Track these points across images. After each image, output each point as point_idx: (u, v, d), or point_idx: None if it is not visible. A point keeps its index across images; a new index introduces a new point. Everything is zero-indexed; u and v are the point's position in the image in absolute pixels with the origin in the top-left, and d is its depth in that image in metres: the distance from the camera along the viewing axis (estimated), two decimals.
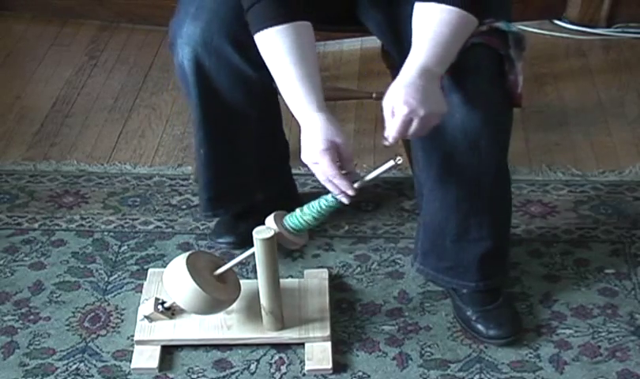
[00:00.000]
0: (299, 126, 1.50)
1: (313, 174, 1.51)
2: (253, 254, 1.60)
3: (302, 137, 1.48)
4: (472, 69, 1.50)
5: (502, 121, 1.58)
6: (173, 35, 1.68)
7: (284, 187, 1.99)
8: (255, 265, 1.62)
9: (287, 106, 1.53)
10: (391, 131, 1.43)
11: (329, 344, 1.69)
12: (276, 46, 1.49)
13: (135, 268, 1.91)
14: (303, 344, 1.70)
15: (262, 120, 1.80)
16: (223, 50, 1.64)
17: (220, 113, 1.72)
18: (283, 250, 1.82)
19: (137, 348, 1.70)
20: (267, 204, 1.72)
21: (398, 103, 1.41)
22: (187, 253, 1.64)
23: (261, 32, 1.50)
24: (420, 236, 1.74)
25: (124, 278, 1.89)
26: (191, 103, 1.73)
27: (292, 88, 1.49)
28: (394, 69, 2.00)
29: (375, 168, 1.51)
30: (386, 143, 1.46)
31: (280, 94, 1.57)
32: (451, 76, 1.48)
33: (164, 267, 1.69)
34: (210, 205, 1.86)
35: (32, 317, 1.80)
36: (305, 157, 1.48)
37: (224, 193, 1.85)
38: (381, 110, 1.45)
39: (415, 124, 1.42)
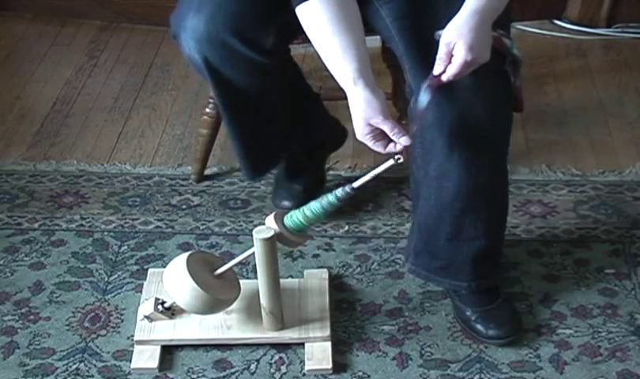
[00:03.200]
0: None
1: None
2: (253, 254, 1.60)
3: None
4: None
5: (502, 120, 1.58)
6: (176, 28, 1.67)
7: (320, 133, 2.03)
8: (255, 265, 1.61)
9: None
10: (450, 71, 1.41)
11: (329, 344, 1.69)
12: (318, 18, 1.46)
13: (135, 268, 1.91)
14: (302, 344, 1.70)
15: (282, 88, 1.80)
16: (229, 43, 1.62)
17: (240, 95, 1.71)
18: (283, 250, 1.82)
19: (136, 348, 1.70)
20: (309, 154, 1.89)
21: (463, 48, 1.39)
22: (187, 253, 1.64)
23: (303, 5, 1.47)
24: (414, 236, 1.73)
25: (124, 278, 1.89)
26: (209, 86, 1.74)
27: (334, 60, 1.46)
28: (394, 69, 2.01)
29: (375, 167, 1.51)
30: (443, 78, 1.42)
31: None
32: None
33: (164, 267, 1.69)
34: (251, 173, 1.90)
35: (31, 317, 1.80)
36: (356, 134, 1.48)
37: (261, 159, 1.88)
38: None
39: (470, 69, 1.41)
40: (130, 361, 1.68)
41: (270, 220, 1.57)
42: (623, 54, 2.65)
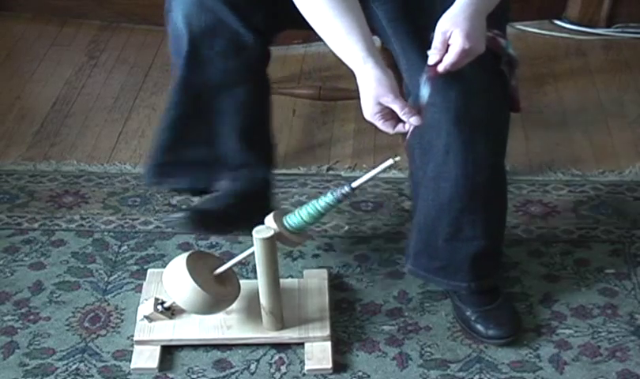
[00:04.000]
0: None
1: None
2: (252, 254, 1.60)
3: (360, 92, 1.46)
4: (471, 66, 1.50)
5: (499, 120, 1.58)
6: (169, 1, 1.64)
7: (259, 187, 1.78)
8: (255, 265, 1.61)
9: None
10: (447, 60, 1.40)
11: (328, 344, 1.69)
12: (317, 3, 1.45)
13: (135, 268, 1.91)
14: (302, 344, 1.70)
15: (250, 98, 1.71)
16: (219, 11, 1.59)
17: (207, 79, 1.66)
18: (283, 250, 1.82)
19: (136, 348, 1.70)
20: (230, 199, 1.66)
21: (460, 36, 1.38)
22: (187, 253, 1.64)
23: None
24: (413, 236, 1.73)
25: (124, 278, 1.89)
26: (177, 62, 1.66)
27: (340, 41, 1.45)
28: (394, 69, 2.01)
29: (374, 167, 1.51)
30: (440, 68, 1.41)
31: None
32: (449, 73, 1.47)
33: (164, 267, 1.69)
34: (158, 171, 1.74)
35: (31, 317, 1.80)
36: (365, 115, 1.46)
37: (181, 163, 1.73)
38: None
39: (466, 59, 1.40)
40: (130, 361, 1.68)
41: (270, 220, 1.57)
42: (623, 54, 2.65)
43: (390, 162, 1.47)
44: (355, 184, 1.52)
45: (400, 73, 1.59)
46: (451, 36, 1.39)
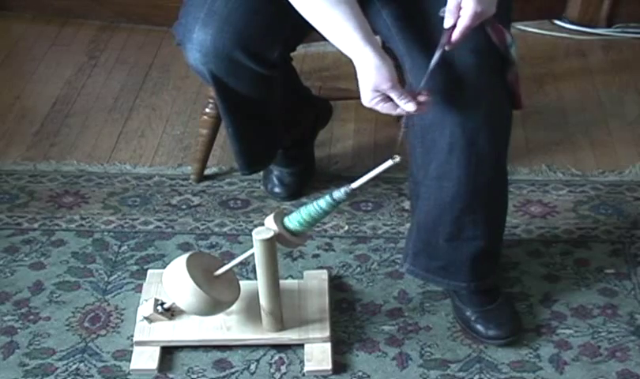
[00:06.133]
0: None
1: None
2: (253, 254, 1.60)
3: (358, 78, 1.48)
4: (473, 66, 1.50)
5: (502, 119, 1.58)
6: (182, 38, 1.66)
7: (311, 120, 2.09)
8: (255, 265, 1.61)
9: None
10: (461, 24, 1.40)
11: (328, 345, 1.69)
12: None
13: (135, 268, 1.91)
14: (302, 345, 1.70)
15: (281, 93, 1.83)
16: (235, 57, 1.63)
17: (242, 101, 1.74)
18: (283, 250, 1.82)
19: (136, 349, 1.70)
20: (301, 140, 1.99)
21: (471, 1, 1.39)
22: (187, 254, 1.64)
23: None
24: (413, 236, 1.73)
25: (124, 278, 1.89)
26: (212, 91, 1.78)
27: (337, 31, 1.46)
28: (395, 69, 2.01)
29: (374, 168, 1.50)
30: (455, 35, 1.41)
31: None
32: (451, 72, 1.48)
33: (164, 267, 1.69)
34: (247, 170, 1.93)
35: (31, 317, 1.80)
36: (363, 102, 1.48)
37: (256, 157, 1.91)
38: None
39: (478, 21, 1.41)
40: (130, 361, 1.68)
41: (270, 221, 1.57)
42: (623, 54, 2.65)
43: (390, 162, 1.47)
44: (355, 185, 1.52)
45: (404, 73, 1.59)
46: (464, 4, 1.40)
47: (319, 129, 2.16)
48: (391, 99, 1.44)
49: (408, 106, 1.43)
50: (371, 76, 1.43)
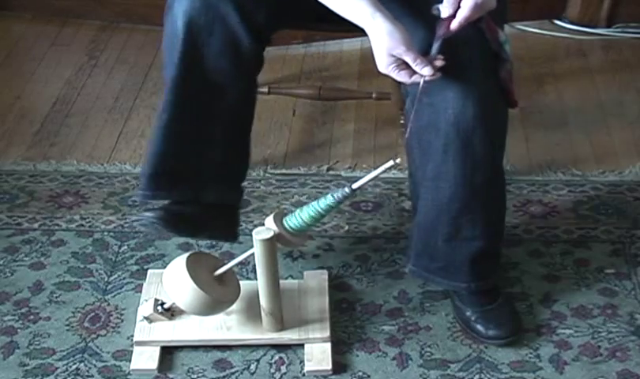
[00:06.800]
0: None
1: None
2: (253, 254, 1.60)
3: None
4: (466, 65, 1.50)
5: (496, 119, 1.58)
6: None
7: (233, 202, 1.81)
8: (255, 265, 1.61)
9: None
10: (460, 15, 1.40)
11: (328, 345, 1.69)
12: None
13: (135, 268, 1.91)
14: (302, 345, 1.70)
15: (240, 103, 1.70)
16: (221, 7, 1.57)
17: (200, 79, 1.63)
18: (283, 250, 1.82)
19: (136, 349, 1.70)
20: (207, 211, 1.69)
21: None
22: (187, 254, 1.64)
23: None
24: (414, 237, 1.73)
25: (124, 278, 1.89)
26: (171, 62, 1.62)
27: (345, 2, 1.46)
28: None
29: (375, 168, 1.51)
30: (454, 25, 1.41)
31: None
32: (445, 72, 1.48)
33: (164, 267, 1.69)
34: (153, 184, 1.69)
35: (31, 317, 1.80)
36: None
37: (174, 172, 1.69)
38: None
39: (478, 14, 1.41)
40: (130, 361, 1.68)
41: (270, 221, 1.57)
42: (623, 54, 2.65)
43: (391, 163, 1.47)
44: (355, 185, 1.52)
45: None
46: None
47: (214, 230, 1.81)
48: (406, 67, 1.43)
49: (424, 70, 1.42)
50: (385, 41, 1.42)
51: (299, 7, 1.61)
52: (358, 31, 1.49)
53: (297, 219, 1.57)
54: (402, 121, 2.09)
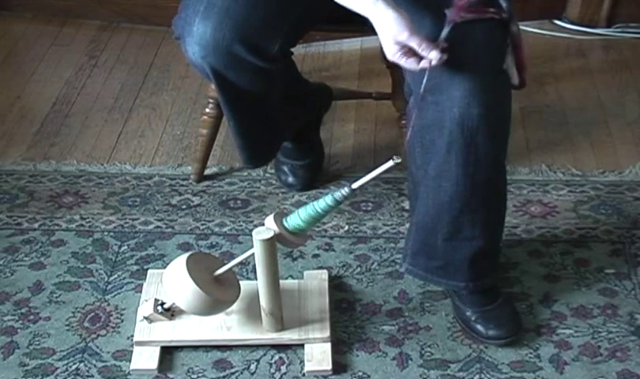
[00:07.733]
0: None
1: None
2: (253, 254, 1.60)
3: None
4: (472, 64, 1.50)
5: (501, 119, 1.58)
6: (181, 31, 1.66)
7: (314, 109, 2.12)
8: (255, 265, 1.61)
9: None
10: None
11: (328, 345, 1.69)
12: None
13: (135, 268, 1.91)
14: (302, 345, 1.70)
15: (283, 86, 1.82)
16: (235, 51, 1.62)
17: (242, 95, 1.73)
18: (283, 250, 1.82)
19: (136, 349, 1.70)
20: (304, 130, 2.03)
21: None
22: (187, 254, 1.64)
23: None
24: (412, 236, 1.73)
25: (124, 278, 1.89)
26: (209, 83, 1.77)
27: None
28: (394, 69, 2.01)
29: (375, 168, 1.50)
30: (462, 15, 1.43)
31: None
32: (450, 70, 1.48)
33: (164, 267, 1.69)
34: (250, 161, 1.96)
35: (31, 317, 1.80)
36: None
37: (259, 151, 1.93)
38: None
39: None
40: (130, 361, 1.68)
41: (270, 221, 1.57)
42: (623, 54, 2.65)
43: (391, 163, 1.47)
44: (355, 185, 1.52)
45: (402, 72, 1.59)
46: None
47: (323, 114, 2.19)
48: (414, 54, 1.43)
49: (431, 54, 1.41)
50: (389, 28, 1.42)
51: (306, 24, 1.62)
52: (358, 32, 1.49)
53: (297, 219, 1.57)
54: (403, 122, 2.09)
